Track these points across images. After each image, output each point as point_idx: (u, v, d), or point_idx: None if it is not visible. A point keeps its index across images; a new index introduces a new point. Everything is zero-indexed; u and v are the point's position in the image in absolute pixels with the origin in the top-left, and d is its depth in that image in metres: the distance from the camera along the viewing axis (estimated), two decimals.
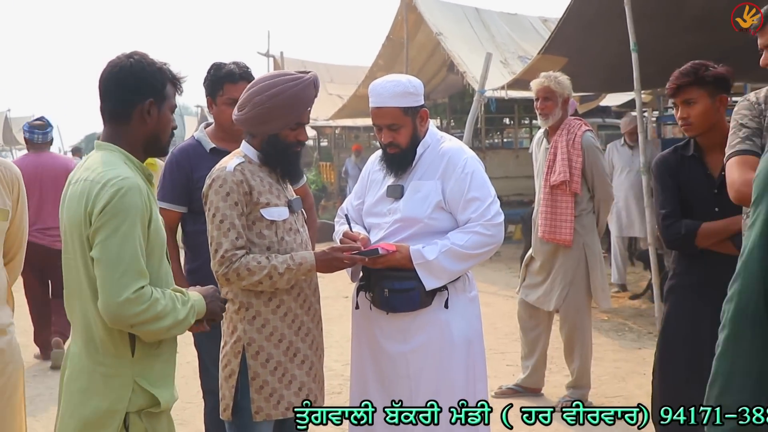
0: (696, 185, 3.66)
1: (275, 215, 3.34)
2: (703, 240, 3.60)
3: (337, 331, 7.93)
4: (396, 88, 3.60)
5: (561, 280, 5.73)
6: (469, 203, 3.56)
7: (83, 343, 2.64)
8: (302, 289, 3.43)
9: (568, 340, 5.84)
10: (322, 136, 26.93)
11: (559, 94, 5.67)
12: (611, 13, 8.56)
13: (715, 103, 3.63)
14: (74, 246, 2.62)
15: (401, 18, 15.35)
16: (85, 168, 2.68)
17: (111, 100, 2.73)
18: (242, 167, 3.33)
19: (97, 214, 2.53)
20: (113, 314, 2.51)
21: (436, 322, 3.56)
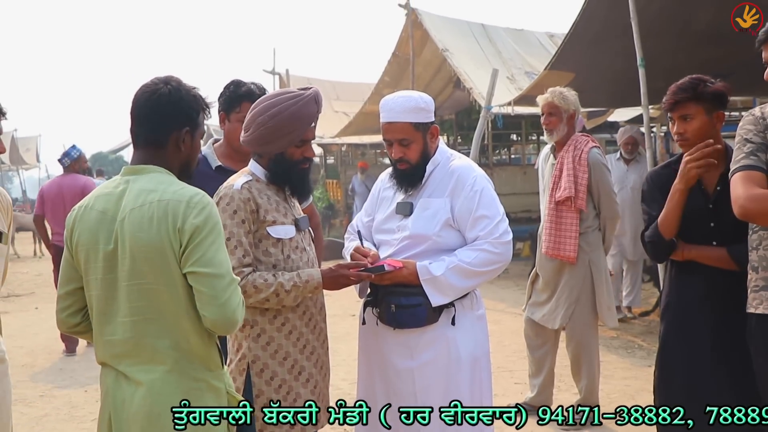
0: (690, 201, 3.61)
1: (282, 233, 3.36)
2: (665, 229, 3.59)
3: (344, 350, 7.95)
4: (407, 103, 3.64)
5: (566, 298, 5.73)
6: (478, 221, 3.57)
7: (173, 363, 2.65)
8: (308, 307, 3.46)
9: (575, 358, 5.83)
10: (329, 153, 26.95)
11: (563, 109, 5.70)
12: (618, 29, 8.59)
13: (712, 120, 3.61)
14: (150, 268, 2.61)
15: (407, 34, 15.41)
16: (141, 190, 2.66)
17: (147, 125, 2.75)
18: (249, 185, 3.36)
19: (191, 231, 2.59)
20: (228, 321, 2.65)
21: (442, 338, 3.57)
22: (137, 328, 2.64)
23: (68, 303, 2.85)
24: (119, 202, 2.68)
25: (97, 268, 2.68)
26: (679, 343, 3.68)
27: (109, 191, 2.73)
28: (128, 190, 2.69)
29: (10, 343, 4.48)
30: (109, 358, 2.71)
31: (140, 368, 2.64)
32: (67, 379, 7.65)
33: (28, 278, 15.28)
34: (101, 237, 2.67)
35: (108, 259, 2.66)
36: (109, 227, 2.67)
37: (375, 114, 15.39)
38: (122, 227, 2.64)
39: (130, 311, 2.64)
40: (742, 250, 3.42)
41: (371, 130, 19.75)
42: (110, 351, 2.70)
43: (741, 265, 3.45)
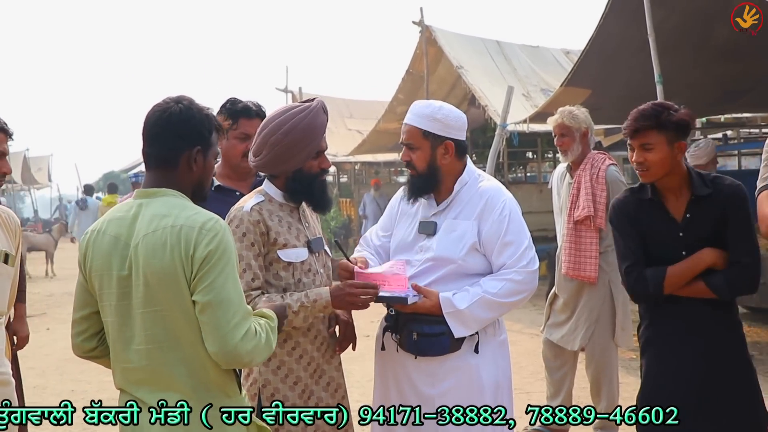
0: (659, 229, 3.52)
1: (292, 257, 3.34)
2: (671, 286, 3.46)
3: (358, 371, 7.91)
4: (424, 109, 3.63)
5: (586, 319, 5.70)
6: (505, 247, 3.51)
7: (191, 390, 2.62)
8: (319, 331, 3.44)
9: (594, 380, 5.79)
10: (342, 172, 27.03)
11: (575, 128, 5.68)
12: (634, 45, 8.60)
13: (674, 150, 3.46)
14: (164, 295, 2.58)
15: (421, 51, 15.46)
16: (154, 215, 2.63)
17: (158, 145, 2.72)
18: (260, 207, 3.35)
19: (201, 259, 2.55)
20: (230, 355, 2.57)
21: (465, 367, 3.52)
22: (153, 356, 2.61)
23: (83, 327, 2.82)
24: (132, 227, 2.64)
25: (111, 294, 2.65)
26: (665, 376, 3.55)
27: (121, 215, 2.70)
28: (141, 214, 2.65)
29: (21, 364, 4.46)
30: (127, 384, 2.69)
31: (158, 395, 2.61)
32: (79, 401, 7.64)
33: (39, 299, 15.29)
34: (115, 262, 2.64)
35: (122, 285, 2.63)
36: (123, 252, 2.63)
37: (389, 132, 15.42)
38: (136, 253, 2.60)
39: (146, 339, 2.61)
40: (720, 279, 3.41)
41: (385, 148, 19.81)
42: (128, 377, 2.68)
43: (722, 296, 3.43)
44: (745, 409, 3.48)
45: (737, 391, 3.48)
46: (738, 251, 3.42)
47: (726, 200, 3.46)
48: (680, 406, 3.45)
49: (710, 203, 3.48)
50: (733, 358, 3.51)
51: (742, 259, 3.41)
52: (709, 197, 3.48)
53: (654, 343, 3.63)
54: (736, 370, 3.50)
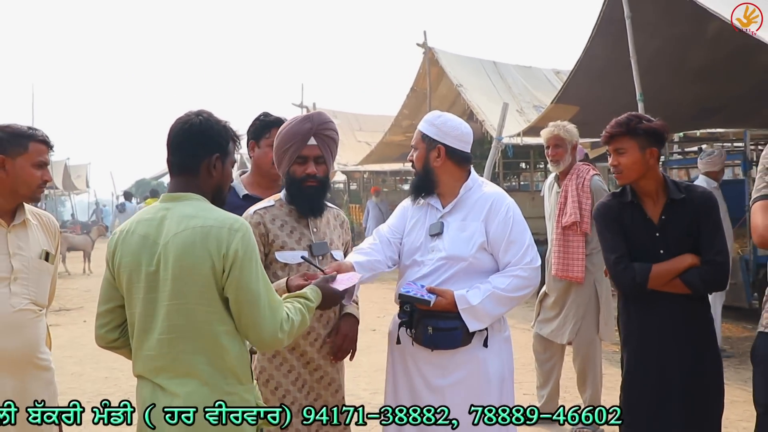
0: (638, 230, 3.56)
1: (288, 258, 3.35)
2: (655, 282, 3.49)
3: (366, 362, 7.90)
4: (430, 116, 3.70)
5: (573, 315, 5.71)
6: (510, 246, 3.50)
7: (208, 377, 2.64)
8: (313, 328, 3.42)
9: (580, 371, 5.81)
10: (352, 180, 27.03)
11: (568, 141, 5.72)
12: (619, 66, 8.61)
13: (645, 155, 3.51)
14: (194, 289, 2.61)
15: (424, 71, 15.50)
16: (183, 216, 2.67)
17: (181, 153, 2.78)
18: (265, 211, 3.41)
19: (232, 256, 2.60)
20: (271, 344, 2.70)
21: (474, 359, 3.49)
22: (174, 345, 2.64)
23: (107, 320, 2.86)
24: (161, 227, 2.68)
25: (139, 288, 2.68)
26: (646, 369, 3.56)
27: (150, 216, 2.73)
28: (168, 216, 2.69)
29: (60, 353, 4.50)
30: (147, 371, 2.70)
31: (177, 381, 2.64)
32: (112, 387, 7.67)
33: (77, 294, 15.34)
34: (144, 259, 2.67)
35: (150, 280, 2.66)
36: (152, 250, 2.66)
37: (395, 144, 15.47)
38: (165, 250, 2.64)
39: (169, 329, 2.64)
40: (694, 275, 3.44)
41: (391, 158, 19.82)
42: (148, 365, 2.69)
43: (695, 290, 3.46)
44: (711, 398, 3.51)
45: (706, 382, 3.49)
46: (710, 251, 3.45)
47: (698, 206, 3.50)
48: (658, 395, 3.49)
49: (683, 207, 3.52)
50: (705, 350, 3.53)
51: (714, 258, 3.44)
52: (682, 201, 3.52)
53: (634, 337, 3.64)
54: (707, 362, 3.51)
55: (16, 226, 3.31)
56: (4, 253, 3.25)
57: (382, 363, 7.38)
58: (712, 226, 3.50)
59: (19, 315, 3.24)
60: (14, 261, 3.26)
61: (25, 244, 3.33)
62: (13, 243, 3.27)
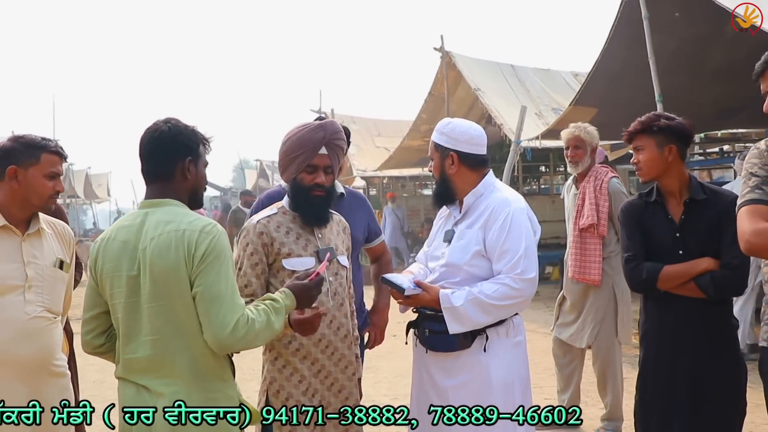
0: (659, 229, 3.56)
1: (297, 265, 3.30)
2: (664, 283, 3.47)
3: (386, 368, 7.93)
4: (439, 124, 3.73)
5: (592, 319, 5.68)
6: (503, 254, 3.46)
7: (191, 377, 2.73)
8: (324, 335, 3.39)
9: (600, 375, 5.77)
10: (371, 185, 27.03)
11: (588, 142, 5.69)
12: (637, 67, 8.57)
13: (663, 152, 3.52)
14: (169, 291, 2.70)
15: (442, 75, 15.48)
16: (159, 221, 2.76)
17: (154, 161, 2.87)
18: (268, 219, 3.36)
19: (200, 257, 2.69)
20: (222, 343, 2.69)
21: (475, 363, 3.49)
22: (157, 346, 2.73)
23: (93, 326, 2.96)
24: (140, 233, 2.77)
25: (121, 293, 2.77)
26: (659, 367, 3.57)
27: (129, 223, 2.84)
28: (147, 221, 2.79)
29: (82, 361, 4.51)
30: (130, 373, 2.80)
31: (161, 381, 2.73)
32: None
33: None
34: (124, 264, 2.77)
35: (131, 284, 2.75)
36: (132, 255, 2.76)
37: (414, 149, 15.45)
38: (144, 255, 2.73)
39: (152, 331, 2.73)
40: (707, 278, 3.41)
41: (410, 163, 19.79)
42: (132, 367, 2.79)
43: (707, 294, 3.41)
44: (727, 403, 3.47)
45: (721, 386, 3.45)
46: (728, 255, 3.40)
47: (721, 209, 3.45)
48: (669, 395, 3.48)
49: (705, 208, 3.49)
50: (723, 354, 3.49)
51: (731, 261, 3.39)
52: (704, 202, 3.50)
53: (650, 338, 3.64)
54: (724, 366, 3.47)
55: (30, 235, 3.35)
56: (19, 262, 3.29)
57: (402, 368, 7.41)
58: (734, 231, 3.42)
59: (34, 322, 3.27)
60: (29, 269, 3.29)
61: (40, 252, 3.36)
62: (27, 252, 3.32)
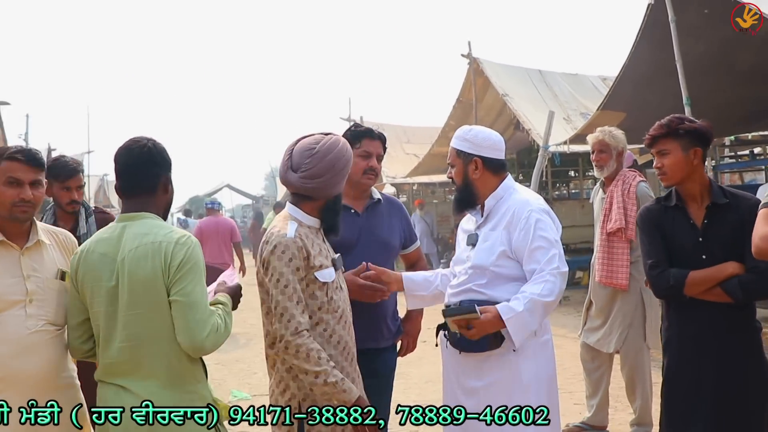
0: (681, 234, 3.52)
1: (327, 277, 3.28)
2: (691, 288, 3.43)
3: (416, 373, 7.94)
4: (460, 131, 3.79)
5: (620, 323, 5.66)
6: (534, 252, 3.51)
7: (167, 379, 2.92)
8: (346, 342, 3.38)
9: (629, 380, 5.75)
10: (401, 192, 27.07)
11: (613, 146, 5.68)
12: (664, 71, 8.52)
13: (689, 156, 3.49)
14: (147, 299, 2.89)
15: (470, 82, 15.49)
16: (137, 234, 2.95)
17: (141, 174, 3.06)
18: (300, 233, 3.27)
19: (177, 267, 2.88)
20: (197, 347, 2.89)
21: (506, 363, 3.52)
22: (134, 351, 2.91)
23: (80, 333, 3.14)
24: (118, 245, 2.96)
25: (100, 302, 2.96)
26: (683, 374, 3.54)
27: (107, 236, 3.02)
28: (125, 234, 2.97)
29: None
30: (110, 376, 2.97)
31: (139, 383, 2.91)
32: None
33: None
34: (104, 275, 2.95)
35: (110, 294, 2.94)
36: (111, 266, 2.95)
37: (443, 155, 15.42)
38: (123, 266, 2.91)
39: (128, 337, 2.91)
40: (734, 283, 3.36)
41: (439, 169, 19.77)
42: (110, 371, 2.97)
43: (735, 298, 3.37)
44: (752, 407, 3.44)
45: (748, 391, 3.42)
46: (753, 259, 3.36)
47: (744, 213, 3.41)
48: (693, 402, 3.46)
49: (728, 212, 3.46)
50: (747, 357, 3.46)
51: (758, 265, 3.35)
52: (727, 206, 3.47)
53: (674, 344, 3.61)
54: (750, 372, 3.45)
55: (29, 248, 3.28)
56: (18, 276, 3.22)
57: (432, 374, 7.42)
58: None
59: (36, 336, 3.20)
60: (29, 283, 3.22)
61: (40, 265, 3.30)
62: (27, 265, 3.24)
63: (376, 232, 4.01)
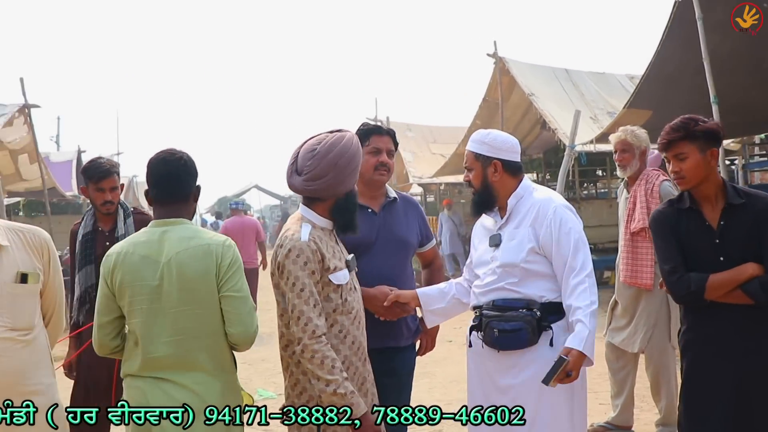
0: (697, 237, 3.45)
1: (341, 279, 3.31)
2: (711, 293, 3.36)
3: (440, 373, 7.92)
4: (477, 135, 3.84)
5: (645, 323, 5.63)
6: (563, 249, 3.57)
7: (213, 369, 3.15)
8: (360, 342, 3.42)
9: (654, 380, 5.71)
10: (428, 192, 27.04)
11: (636, 146, 5.64)
12: (691, 68, 8.47)
13: (706, 157, 3.42)
14: (198, 296, 3.10)
15: (495, 81, 15.43)
16: (182, 237, 3.15)
17: (179, 184, 3.24)
18: (314, 236, 3.28)
19: (227, 266, 3.13)
20: (252, 336, 3.18)
21: (542, 358, 3.55)
22: (182, 345, 3.10)
23: (109, 330, 3.23)
24: (160, 247, 3.13)
25: (143, 300, 3.10)
26: (703, 380, 3.49)
27: (146, 239, 3.18)
28: (166, 238, 3.14)
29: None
30: (151, 370, 3.12)
31: (185, 374, 3.11)
32: None
33: None
34: (146, 275, 3.10)
35: (153, 293, 3.10)
36: (154, 267, 3.11)
37: None
38: (168, 267, 3.10)
39: (176, 332, 3.09)
40: (755, 284, 3.31)
41: None
42: (154, 365, 3.11)
43: (757, 300, 3.32)
44: None
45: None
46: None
47: (759, 212, 3.38)
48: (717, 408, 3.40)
49: (743, 212, 3.41)
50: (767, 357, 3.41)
51: None
52: (742, 207, 3.41)
53: (692, 348, 3.56)
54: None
55: None
56: None
57: (456, 374, 7.43)
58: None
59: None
60: None
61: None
62: None
63: (393, 230, 4.01)
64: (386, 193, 4.10)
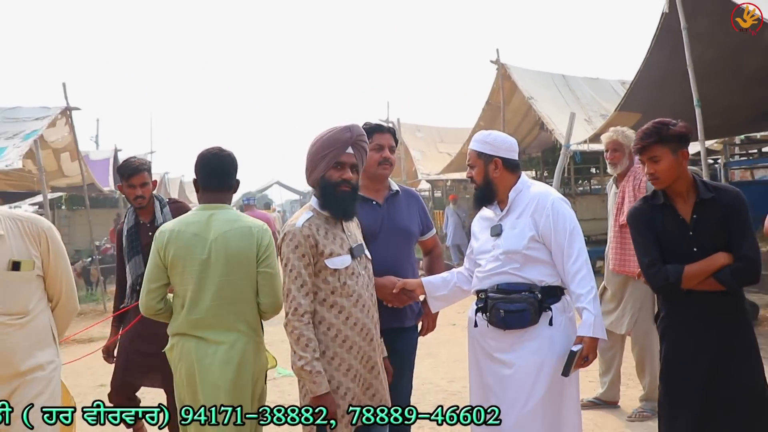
0: (672, 230, 3.49)
1: (337, 264, 3.37)
2: (687, 282, 3.41)
3: (445, 353, 8.01)
4: (479, 135, 3.90)
5: (631, 307, 5.67)
6: (561, 238, 3.62)
7: (246, 330, 3.44)
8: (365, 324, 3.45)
9: (639, 359, 5.75)
10: (436, 188, 27.06)
11: (626, 145, 5.67)
12: (677, 74, 8.45)
13: (678, 158, 3.46)
14: (239, 268, 3.41)
15: (498, 86, 15.41)
16: (227, 220, 3.48)
17: (227, 176, 3.58)
18: (310, 222, 3.39)
19: (265, 247, 3.46)
20: (280, 305, 3.44)
21: (542, 336, 3.62)
22: (221, 308, 3.38)
23: (155, 294, 3.49)
24: (209, 227, 3.44)
25: (193, 271, 3.39)
26: (680, 362, 3.53)
27: (197, 220, 3.48)
28: (213, 219, 3.45)
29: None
30: (194, 329, 3.40)
31: (222, 333, 3.39)
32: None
33: None
34: (197, 250, 3.40)
35: (202, 265, 3.39)
36: (203, 243, 3.40)
37: None
38: (216, 243, 3.40)
39: (219, 297, 3.38)
40: (726, 272, 3.35)
41: None
42: (196, 325, 3.40)
43: (729, 287, 3.37)
44: (751, 386, 3.44)
45: (743, 368, 3.43)
46: (742, 247, 3.38)
47: (727, 205, 3.43)
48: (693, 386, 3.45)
49: (713, 206, 3.46)
50: (741, 341, 3.47)
51: (746, 253, 3.36)
52: (712, 200, 3.46)
53: (670, 333, 3.60)
54: (743, 352, 3.45)
55: None
56: None
57: (459, 354, 7.49)
58: (742, 224, 3.41)
59: None
60: None
61: None
62: None
63: (396, 221, 4.06)
64: (389, 186, 4.15)
